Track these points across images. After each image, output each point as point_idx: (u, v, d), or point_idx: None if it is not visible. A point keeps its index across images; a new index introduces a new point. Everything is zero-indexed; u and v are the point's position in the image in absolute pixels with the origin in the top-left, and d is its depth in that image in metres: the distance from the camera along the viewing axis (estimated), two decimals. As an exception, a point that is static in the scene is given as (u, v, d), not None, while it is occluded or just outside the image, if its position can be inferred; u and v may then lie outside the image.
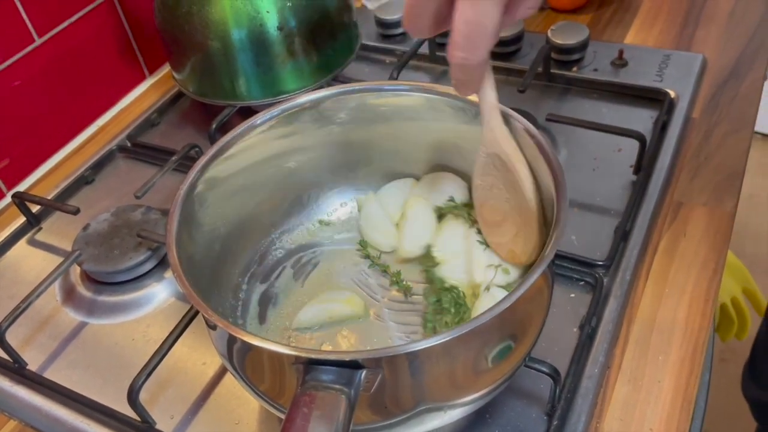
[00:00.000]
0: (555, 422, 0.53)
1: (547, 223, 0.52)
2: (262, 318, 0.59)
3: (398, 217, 0.63)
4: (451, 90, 0.57)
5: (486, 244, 0.58)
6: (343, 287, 0.61)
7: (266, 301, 0.61)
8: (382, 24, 0.97)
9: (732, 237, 0.68)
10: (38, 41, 0.84)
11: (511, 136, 0.51)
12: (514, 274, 0.56)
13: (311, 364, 0.40)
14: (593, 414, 0.55)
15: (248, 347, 0.44)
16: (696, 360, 0.58)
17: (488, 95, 0.49)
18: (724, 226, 0.68)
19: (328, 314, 0.58)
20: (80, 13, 0.88)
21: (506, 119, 0.52)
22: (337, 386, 0.39)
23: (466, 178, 0.62)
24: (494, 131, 0.51)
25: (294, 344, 0.57)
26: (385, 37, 0.97)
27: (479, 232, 0.59)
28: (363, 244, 0.64)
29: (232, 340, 0.45)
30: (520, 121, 0.53)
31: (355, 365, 0.40)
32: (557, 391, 0.53)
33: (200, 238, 0.54)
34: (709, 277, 0.64)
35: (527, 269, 0.55)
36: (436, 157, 0.63)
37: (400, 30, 0.97)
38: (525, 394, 0.56)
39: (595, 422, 0.55)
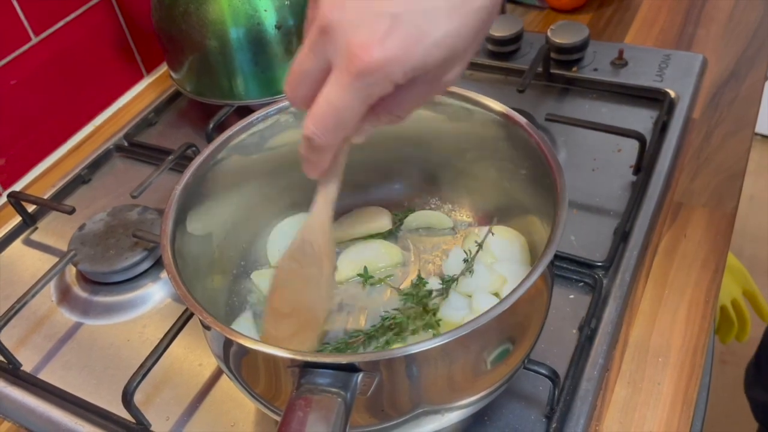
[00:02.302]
0: (554, 425, 0.53)
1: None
2: (258, 316, 0.59)
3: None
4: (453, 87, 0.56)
5: None
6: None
7: (263, 300, 0.60)
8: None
9: (731, 238, 0.67)
10: (35, 40, 0.83)
11: (332, 233, 0.49)
12: None
13: (307, 367, 0.40)
14: (592, 416, 0.55)
15: (243, 350, 0.44)
16: (696, 362, 0.57)
17: (330, 189, 0.47)
18: (725, 227, 0.68)
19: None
20: (77, 12, 0.87)
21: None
22: (334, 389, 0.39)
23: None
24: (319, 220, 0.48)
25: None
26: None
27: None
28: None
29: (227, 342, 0.45)
30: (519, 121, 0.53)
31: (351, 368, 0.39)
32: (556, 393, 0.53)
33: (196, 238, 0.54)
34: (709, 278, 0.63)
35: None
36: (429, 156, 0.63)
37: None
38: (524, 396, 0.56)
39: (594, 425, 0.54)
